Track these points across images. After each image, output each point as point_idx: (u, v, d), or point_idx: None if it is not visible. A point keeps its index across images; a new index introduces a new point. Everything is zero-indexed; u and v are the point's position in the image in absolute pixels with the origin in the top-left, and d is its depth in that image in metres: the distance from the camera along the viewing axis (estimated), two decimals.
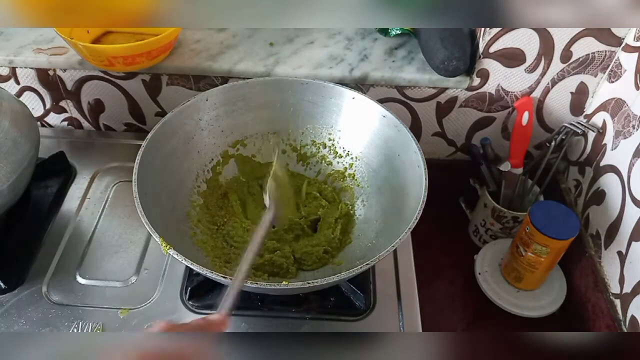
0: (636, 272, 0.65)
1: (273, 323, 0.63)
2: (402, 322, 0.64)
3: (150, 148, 0.62)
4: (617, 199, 0.71)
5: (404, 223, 0.57)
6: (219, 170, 0.73)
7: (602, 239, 0.74)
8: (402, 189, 0.65)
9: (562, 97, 0.79)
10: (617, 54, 0.73)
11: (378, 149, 0.70)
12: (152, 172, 0.62)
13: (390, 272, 0.69)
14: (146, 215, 0.55)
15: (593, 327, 0.73)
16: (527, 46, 0.73)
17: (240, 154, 0.75)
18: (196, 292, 0.65)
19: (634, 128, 0.68)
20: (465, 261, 0.86)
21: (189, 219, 0.67)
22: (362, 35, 0.84)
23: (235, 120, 0.73)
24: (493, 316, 0.80)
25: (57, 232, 0.72)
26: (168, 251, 0.53)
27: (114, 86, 0.84)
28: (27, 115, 0.69)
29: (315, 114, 0.74)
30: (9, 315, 0.63)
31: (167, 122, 0.66)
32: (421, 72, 0.77)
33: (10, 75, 0.83)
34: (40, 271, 0.67)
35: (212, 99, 0.70)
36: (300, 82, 0.72)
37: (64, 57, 0.79)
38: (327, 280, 0.52)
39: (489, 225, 0.86)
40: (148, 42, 0.70)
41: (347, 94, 0.70)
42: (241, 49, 0.81)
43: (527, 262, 0.75)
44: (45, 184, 0.77)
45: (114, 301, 0.65)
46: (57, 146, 0.84)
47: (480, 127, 0.85)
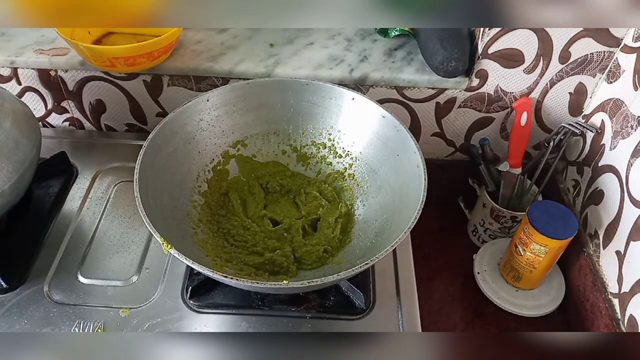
0: (634, 272, 0.66)
1: (273, 322, 0.64)
2: (402, 321, 0.64)
3: (151, 148, 0.63)
4: (616, 198, 0.71)
5: (404, 223, 0.57)
6: (219, 170, 0.73)
7: (601, 238, 0.74)
8: (402, 189, 0.65)
9: (560, 97, 0.80)
10: (616, 55, 0.73)
11: (378, 149, 0.71)
12: (153, 172, 0.62)
13: (389, 272, 0.69)
14: (147, 215, 0.55)
15: (591, 327, 0.73)
16: (526, 47, 0.73)
17: (241, 154, 0.75)
18: (197, 291, 0.65)
19: (632, 128, 0.69)
20: (464, 261, 0.86)
21: (190, 219, 0.67)
22: (362, 36, 0.85)
23: (236, 120, 0.73)
24: (492, 315, 0.80)
25: (58, 231, 0.73)
26: (169, 250, 0.53)
27: (115, 87, 0.84)
28: (29, 116, 0.69)
29: (316, 114, 0.74)
30: (11, 315, 0.63)
31: (168, 123, 0.66)
32: (420, 73, 0.78)
33: (12, 76, 0.84)
34: (42, 271, 0.68)
35: (213, 99, 0.71)
36: (300, 82, 0.72)
37: (65, 57, 0.79)
38: (327, 280, 0.52)
39: (487, 225, 0.86)
40: (149, 43, 0.71)
41: (346, 94, 0.71)
42: (242, 50, 0.81)
43: (526, 262, 0.75)
44: (46, 184, 0.78)
45: (115, 300, 0.65)
46: (58, 146, 0.84)
47: (479, 127, 0.86)
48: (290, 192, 0.76)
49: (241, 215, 0.71)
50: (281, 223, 0.71)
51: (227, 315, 0.64)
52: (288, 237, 0.69)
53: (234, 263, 0.65)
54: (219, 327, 0.63)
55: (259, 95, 0.73)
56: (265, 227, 0.70)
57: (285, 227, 0.70)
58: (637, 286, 0.65)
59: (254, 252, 0.67)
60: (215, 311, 0.64)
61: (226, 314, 0.64)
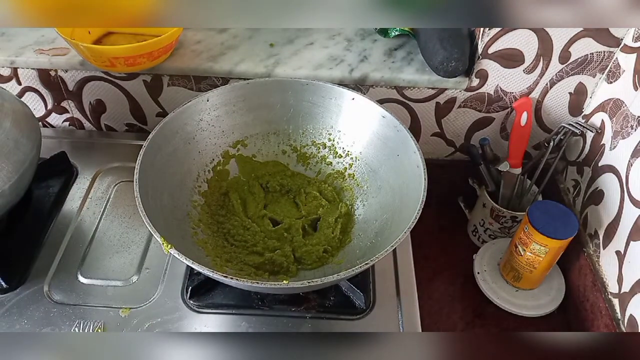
0: (634, 272, 0.66)
1: (273, 322, 0.64)
2: (402, 321, 0.64)
3: (151, 148, 0.63)
4: (616, 198, 0.71)
5: (404, 223, 0.57)
6: (219, 170, 0.73)
7: (601, 238, 0.74)
8: (402, 189, 0.65)
9: (560, 97, 0.80)
10: (616, 55, 0.73)
11: (378, 149, 0.71)
12: (153, 172, 0.62)
13: (389, 272, 0.69)
14: (147, 215, 0.55)
15: (591, 327, 0.73)
16: (526, 47, 0.73)
17: (241, 154, 0.75)
18: (197, 291, 0.65)
19: (632, 128, 0.69)
20: (464, 261, 0.86)
21: (190, 219, 0.67)
22: (362, 36, 0.85)
23: (236, 120, 0.73)
24: (492, 315, 0.80)
25: (58, 231, 0.73)
26: (169, 250, 0.53)
27: (115, 87, 0.84)
28: (29, 116, 0.69)
29: (316, 114, 0.74)
30: (11, 315, 0.63)
31: (168, 123, 0.66)
32: (420, 73, 0.78)
33: (12, 76, 0.84)
34: (42, 271, 0.68)
35: (213, 99, 0.71)
36: (300, 82, 0.72)
37: (65, 57, 0.79)
38: (327, 280, 0.52)
39: (487, 225, 0.86)
40: (149, 43, 0.71)
41: (347, 94, 0.71)
42: (242, 50, 0.81)
43: (526, 262, 0.75)
44: (46, 184, 0.78)
45: (115, 300, 0.65)
46: (58, 146, 0.84)
47: (479, 127, 0.86)
48: (290, 192, 0.76)
49: (241, 215, 0.71)
50: (281, 223, 0.71)
51: (227, 315, 0.64)
52: (288, 237, 0.69)
53: (234, 263, 0.65)
54: (219, 327, 0.63)
55: (259, 95, 0.73)
56: (265, 227, 0.70)
57: (285, 227, 0.70)
58: (637, 286, 0.65)
59: (254, 252, 0.67)
60: (215, 311, 0.65)
61: (226, 314, 0.64)
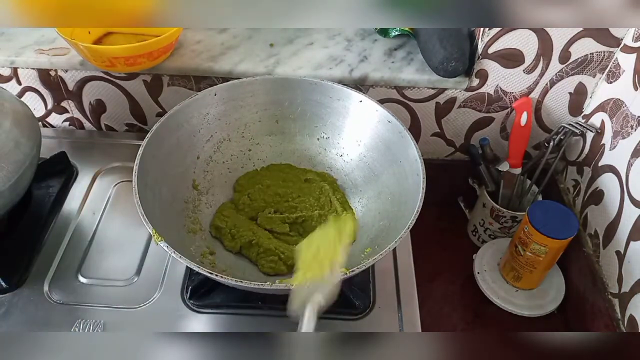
0: (634, 272, 0.66)
1: (273, 322, 0.64)
2: (402, 321, 0.64)
3: (154, 140, 0.63)
4: (616, 198, 0.71)
5: (403, 222, 0.57)
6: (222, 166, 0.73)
7: (601, 238, 0.74)
8: (401, 196, 0.65)
9: (560, 97, 0.80)
10: (616, 55, 0.73)
11: (381, 154, 0.70)
12: (154, 163, 0.62)
13: (389, 272, 0.69)
14: (142, 206, 0.55)
15: (591, 327, 0.73)
16: (526, 47, 0.73)
17: (245, 150, 0.75)
18: (197, 291, 0.65)
19: (632, 128, 0.69)
20: (464, 261, 0.86)
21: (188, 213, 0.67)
22: (362, 36, 0.85)
23: (242, 116, 0.73)
24: (492, 315, 0.80)
25: (58, 231, 0.73)
26: (159, 243, 0.53)
27: (115, 87, 0.84)
28: (29, 116, 0.69)
29: (322, 114, 0.74)
30: (10, 315, 0.63)
31: (174, 115, 0.66)
32: (420, 73, 0.78)
33: (12, 76, 0.84)
34: (42, 271, 0.68)
35: (221, 93, 0.70)
36: (309, 82, 0.72)
37: (65, 57, 0.79)
38: None
39: (487, 224, 0.86)
40: (149, 43, 0.71)
41: (354, 96, 0.70)
42: (242, 50, 0.81)
43: (526, 262, 0.75)
44: (46, 184, 0.78)
45: (115, 300, 0.65)
46: (58, 146, 0.84)
47: (479, 127, 0.86)
48: (292, 191, 0.76)
49: (243, 213, 0.71)
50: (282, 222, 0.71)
51: (227, 315, 0.64)
52: (288, 237, 0.69)
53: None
54: (219, 327, 0.63)
55: (266, 92, 0.73)
56: (267, 225, 0.70)
57: (286, 226, 0.70)
58: (637, 286, 0.65)
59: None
60: (215, 311, 0.64)
61: (226, 314, 0.64)
